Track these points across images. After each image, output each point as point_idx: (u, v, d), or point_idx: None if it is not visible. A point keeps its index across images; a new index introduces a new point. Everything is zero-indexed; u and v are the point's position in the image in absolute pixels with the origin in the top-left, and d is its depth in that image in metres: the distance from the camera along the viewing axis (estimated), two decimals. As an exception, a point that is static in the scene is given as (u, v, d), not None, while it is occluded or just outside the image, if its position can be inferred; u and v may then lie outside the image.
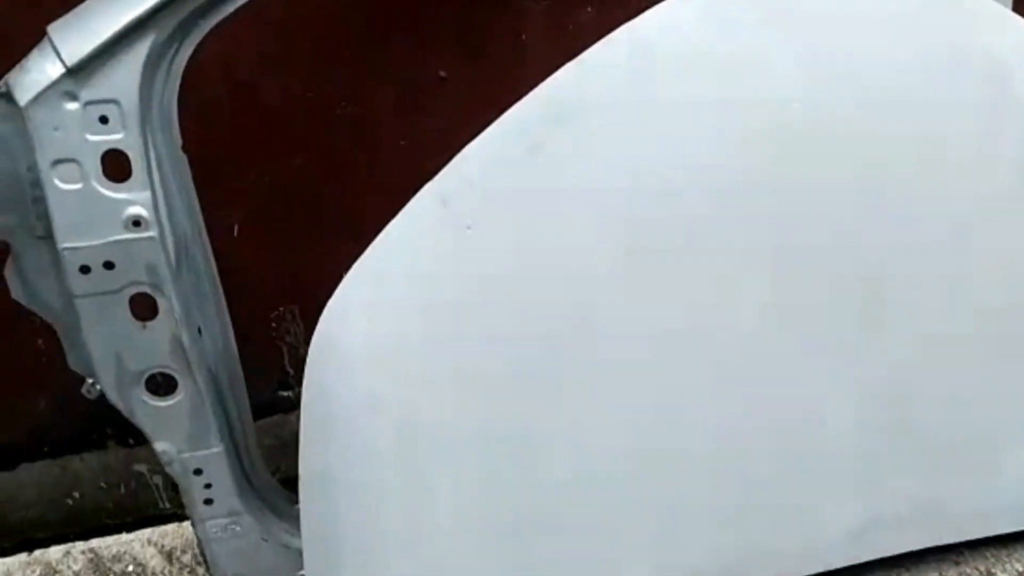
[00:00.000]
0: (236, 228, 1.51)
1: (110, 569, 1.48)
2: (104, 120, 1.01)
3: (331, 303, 1.07)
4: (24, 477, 1.67)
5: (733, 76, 1.08)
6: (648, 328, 1.13)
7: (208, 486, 1.20)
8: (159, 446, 1.16)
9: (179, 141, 1.10)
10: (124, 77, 1.00)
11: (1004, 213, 1.22)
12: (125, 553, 1.50)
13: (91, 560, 1.50)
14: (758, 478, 1.24)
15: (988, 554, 1.47)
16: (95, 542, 1.53)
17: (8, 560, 1.51)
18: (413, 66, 1.43)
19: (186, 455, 1.17)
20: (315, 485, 1.14)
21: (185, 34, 1.03)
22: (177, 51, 1.04)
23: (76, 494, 1.67)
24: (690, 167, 1.09)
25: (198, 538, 1.25)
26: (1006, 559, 1.46)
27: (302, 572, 1.23)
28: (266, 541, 1.25)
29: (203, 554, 1.27)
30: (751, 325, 1.17)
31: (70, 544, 1.52)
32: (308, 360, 1.09)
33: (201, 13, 1.03)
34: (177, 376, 1.13)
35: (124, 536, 1.53)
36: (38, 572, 1.48)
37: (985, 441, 1.34)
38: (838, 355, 1.22)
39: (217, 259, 1.23)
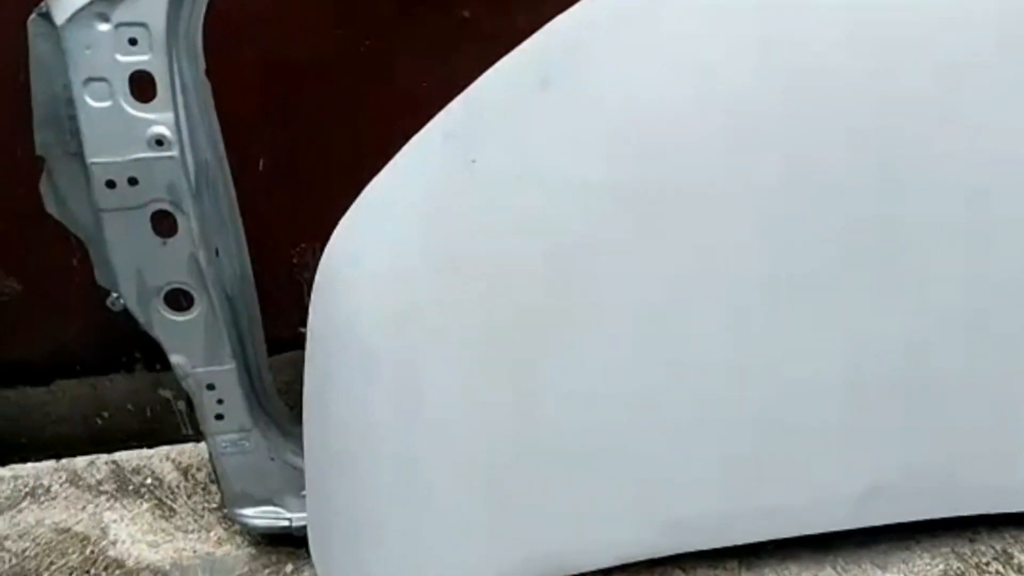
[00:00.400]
0: (261, 163, 1.56)
1: (129, 480, 1.56)
2: (133, 42, 1.06)
3: (336, 232, 1.12)
4: (57, 394, 1.75)
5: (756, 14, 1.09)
6: (655, 269, 1.14)
7: (220, 402, 1.26)
8: (174, 359, 1.23)
9: (203, 67, 1.16)
10: (153, 2, 1.05)
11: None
12: (144, 467, 1.58)
13: (113, 471, 1.58)
14: (759, 432, 1.24)
15: (1007, 534, 1.45)
16: (118, 455, 1.61)
17: (39, 465, 1.60)
18: (436, 6, 1.46)
19: (200, 370, 1.24)
20: (316, 404, 1.19)
21: (212, -36, 1.08)
22: (203, -20, 1.09)
23: (105, 414, 1.76)
24: (703, 105, 1.09)
25: (210, 453, 1.32)
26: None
27: (304, 492, 1.29)
28: (273, 460, 1.32)
29: (214, 469, 1.34)
30: (761, 273, 1.17)
31: (95, 455, 1.61)
32: (315, 285, 1.14)
33: (228, -56, 1.08)
34: (194, 292, 1.19)
35: (145, 451, 1.61)
36: (64, 478, 1.57)
37: (1002, 417, 1.31)
38: (850, 313, 1.20)
39: (242, 194, 1.29)
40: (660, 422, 1.22)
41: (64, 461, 1.60)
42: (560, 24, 1.06)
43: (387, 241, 1.13)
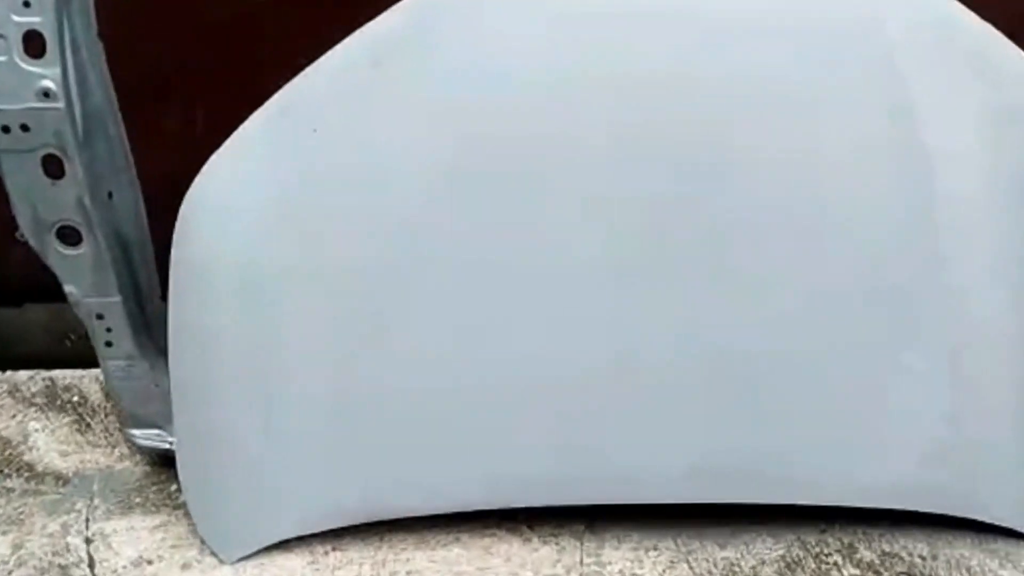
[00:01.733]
0: (199, 122, 1.70)
1: (59, 396, 1.75)
2: (27, 4, 1.20)
3: (197, 179, 1.25)
4: (30, 316, 1.93)
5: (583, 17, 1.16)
6: (474, 246, 1.24)
7: (108, 330, 1.41)
8: (67, 288, 1.38)
9: (95, 28, 1.29)
10: (44, -31, 1.19)
11: (861, 175, 1.22)
12: (75, 386, 1.77)
13: (47, 387, 1.77)
14: (586, 397, 1.32)
15: (859, 530, 1.48)
16: (55, 372, 1.80)
17: (-15, 376, 1.80)
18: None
19: (90, 300, 1.39)
20: (178, 335, 1.32)
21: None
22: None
23: (73, 336, 1.92)
24: (523, 94, 1.18)
25: (104, 375, 1.47)
26: (875, 537, 1.46)
27: (184, 418, 1.43)
28: (157, 387, 1.46)
29: (108, 392, 1.50)
30: (587, 251, 1.25)
31: (36, 371, 1.80)
32: (176, 226, 1.27)
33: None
34: (82, 230, 1.33)
35: (79, 371, 1.78)
36: (4, 388, 1.77)
37: (836, 410, 1.35)
38: (677, 294, 1.27)
39: (183, 152, 1.41)
40: (489, 382, 1.31)
41: (8, 374, 1.80)
42: (395, 10, 1.16)
43: (240, 192, 1.25)
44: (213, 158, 1.24)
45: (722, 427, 1.35)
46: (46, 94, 1.24)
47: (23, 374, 1.80)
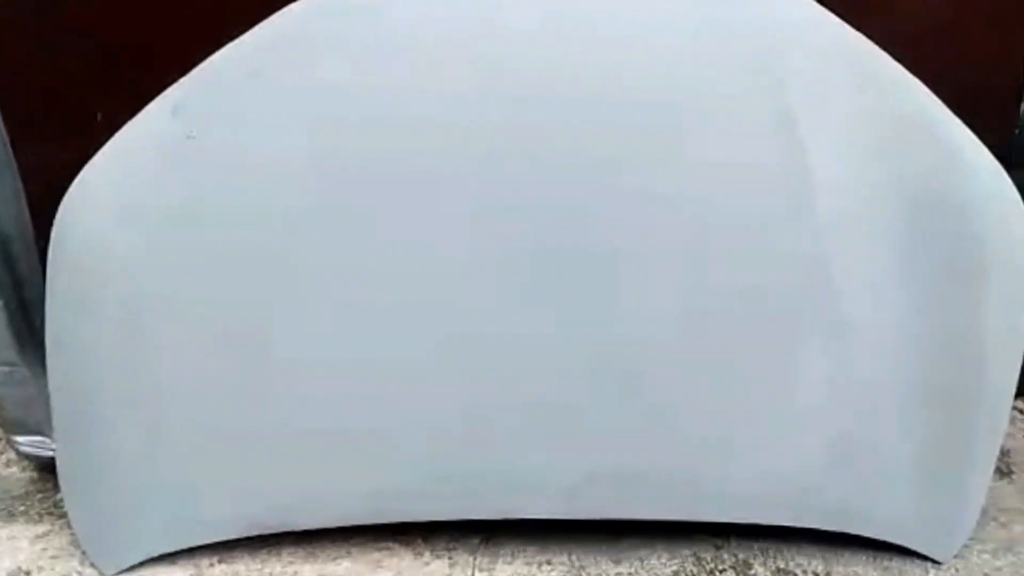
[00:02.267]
0: (99, 116, 1.66)
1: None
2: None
3: (76, 181, 1.21)
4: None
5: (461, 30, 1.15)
6: (355, 248, 1.22)
7: (-11, 335, 1.37)
8: (-54, 291, 1.34)
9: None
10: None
11: (744, 187, 1.22)
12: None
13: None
14: (465, 413, 1.30)
15: (756, 546, 1.47)
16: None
17: None
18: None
19: (-30, 303, 1.35)
20: (54, 340, 1.28)
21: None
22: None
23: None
24: (405, 113, 1.17)
25: (-12, 380, 1.44)
26: (770, 554, 1.46)
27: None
28: (40, 394, 1.42)
29: (-3, 396, 1.46)
30: (467, 256, 1.23)
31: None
32: (53, 227, 1.23)
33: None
34: (-40, 233, 1.30)
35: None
36: None
37: (719, 426, 1.34)
38: (560, 313, 1.26)
39: (83, 146, 1.38)
40: (369, 396, 1.29)
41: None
42: (276, 19, 1.14)
43: (119, 195, 1.22)
44: (93, 160, 1.21)
45: (607, 443, 1.33)
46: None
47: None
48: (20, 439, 1.47)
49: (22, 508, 1.50)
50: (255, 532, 1.38)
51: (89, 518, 1.38)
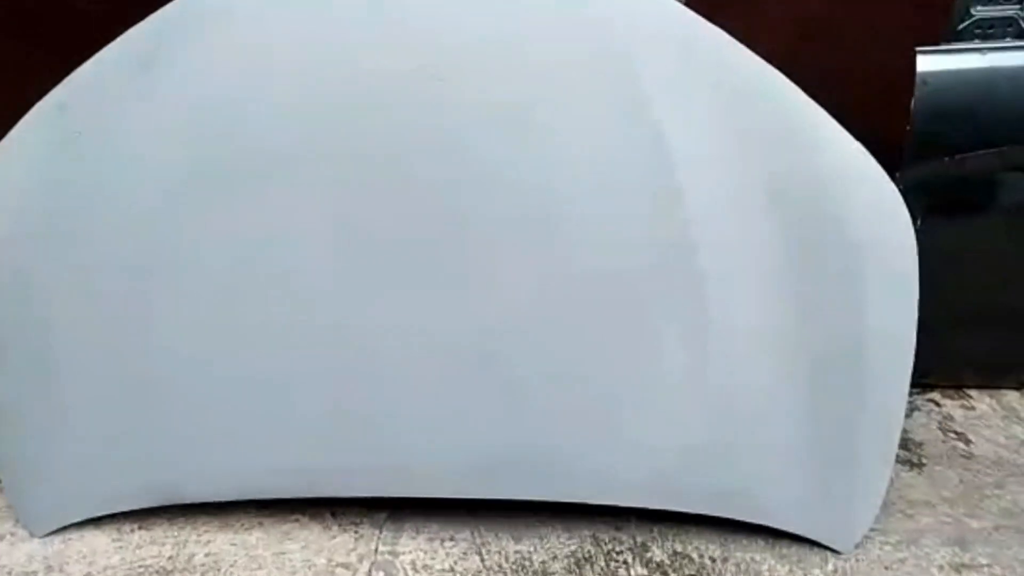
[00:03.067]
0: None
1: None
2: None
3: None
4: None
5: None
6: (231, 237, 1.28)
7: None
8: None
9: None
10: None
11: (602, 176, 1.23)
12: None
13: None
14: (351, 393, 1.36)
15: (655, 529, 1.50)
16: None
17: None
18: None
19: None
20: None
21: None
22: None
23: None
24: (282, 101, 1.21)
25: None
26: (668, 536, 1.49)
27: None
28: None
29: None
30: (333, 244, 1.28)
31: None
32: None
33: None
34: None
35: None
36: None
37: (588, 408, 1.36)
38: (425, 300, 1.30)
39: None
40: (258, 375, 1.35)
41: None
42: (161, 14, 1.18)
43: (12, 187, 1.29)
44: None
45: (478, 426, 1.37)
46: None
47: None
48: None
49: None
50: (164, 503, 1.47)
51: (17, 485, 1.48)
